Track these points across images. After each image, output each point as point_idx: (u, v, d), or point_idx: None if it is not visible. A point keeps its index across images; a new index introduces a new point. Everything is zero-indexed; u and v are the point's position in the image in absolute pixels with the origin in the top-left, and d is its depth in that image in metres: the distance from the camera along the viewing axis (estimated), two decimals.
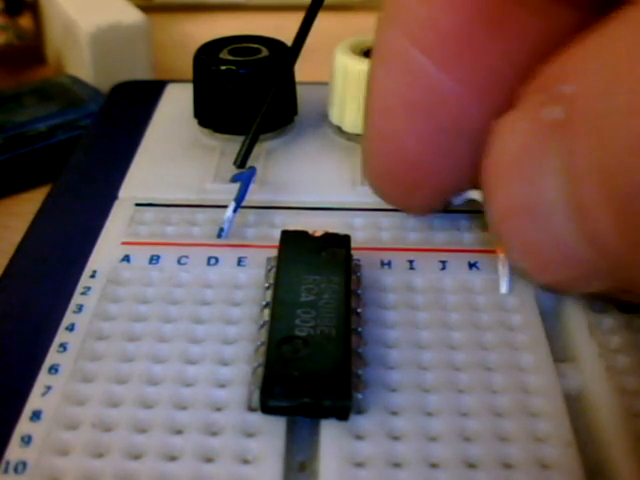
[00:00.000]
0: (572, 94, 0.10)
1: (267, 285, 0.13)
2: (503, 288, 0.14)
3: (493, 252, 0.14)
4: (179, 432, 0.11)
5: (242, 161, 0.16)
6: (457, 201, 0.14)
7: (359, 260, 0.14)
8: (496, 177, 0.11)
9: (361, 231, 0.15)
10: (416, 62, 0.12)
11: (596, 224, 0.10)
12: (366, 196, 0.16)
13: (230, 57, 0.18)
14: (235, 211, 0.15)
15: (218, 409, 0.11)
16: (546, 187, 0.10)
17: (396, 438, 0.11)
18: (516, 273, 0.13)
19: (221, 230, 0.15)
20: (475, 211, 0.15)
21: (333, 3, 0.18)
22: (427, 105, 0.12)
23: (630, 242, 0.09)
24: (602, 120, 0.09)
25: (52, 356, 0.12)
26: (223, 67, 0.17)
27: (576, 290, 0.12)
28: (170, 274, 0.14)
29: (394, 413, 0.11)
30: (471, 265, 0.14)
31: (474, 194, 0.13)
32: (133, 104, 0.20)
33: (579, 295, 0.13)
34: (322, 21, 0.17)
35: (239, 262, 0.14)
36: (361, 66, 0.17)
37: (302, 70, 0.18)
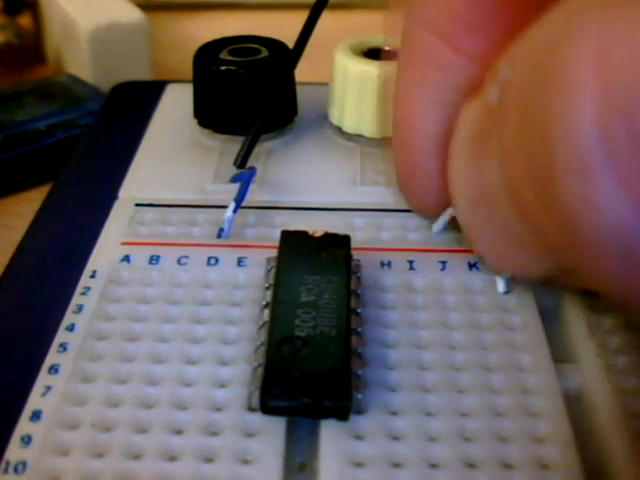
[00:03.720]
0: (506, 78, 0.10)
1: (267, 285, 0.13)
2: (500, 287, 0.14)
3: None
4: (179, 432, 0.11)
5: (242, 161, 0.16)
6: (438, 226, 0.15)
7: (359, 260, 0.14)
8: (452, 168, 0.11)
9: (361, 231, 0.15)
10: (433, 46, 0.12)
11: (525, 206, 0.10)
12: (366, 196, 0.16)
13: (230, 57, 0.18)
14: (235, 211, 0.15)
15: (218, 409, 0.11)
16: (490, 172, 0.10)
17: (396, 438, 0.11)
18: (482, 266, 0.14)
19: (221, 230, 0.15)
20: None
21: (333, 3, 0.18)
22: (447, 85, 0.12)
23: (554, 224, 0.09)
24: (526, 104, 0.09)
25: (52, 356, 0.12)
26: (223, 67, 0.17)
27: (531, 275, 0.12)
28: (170, 274, 0.14)
29: (394, 413, 0.11)
30: (471, 265, 0.14)
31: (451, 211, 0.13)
32: (133, 104, 0.20)
33: (539, 282, 0.13)
34: (322, 21, 0.17)
35: (239, 262, 0.14)
36: (361, 66, 0.17)
37: (302, 70, 0.18)
